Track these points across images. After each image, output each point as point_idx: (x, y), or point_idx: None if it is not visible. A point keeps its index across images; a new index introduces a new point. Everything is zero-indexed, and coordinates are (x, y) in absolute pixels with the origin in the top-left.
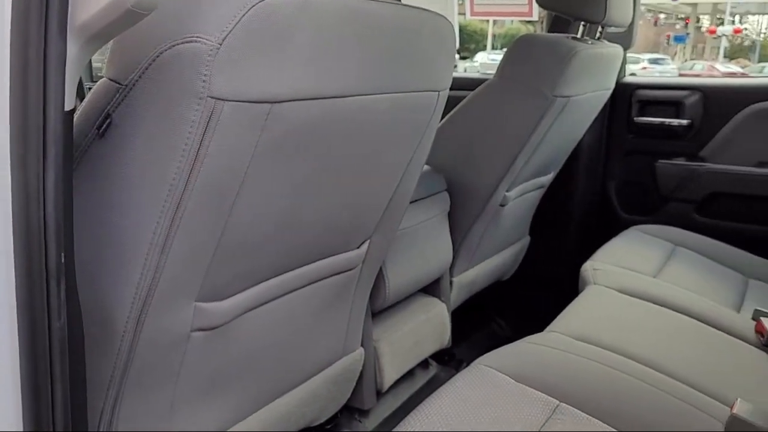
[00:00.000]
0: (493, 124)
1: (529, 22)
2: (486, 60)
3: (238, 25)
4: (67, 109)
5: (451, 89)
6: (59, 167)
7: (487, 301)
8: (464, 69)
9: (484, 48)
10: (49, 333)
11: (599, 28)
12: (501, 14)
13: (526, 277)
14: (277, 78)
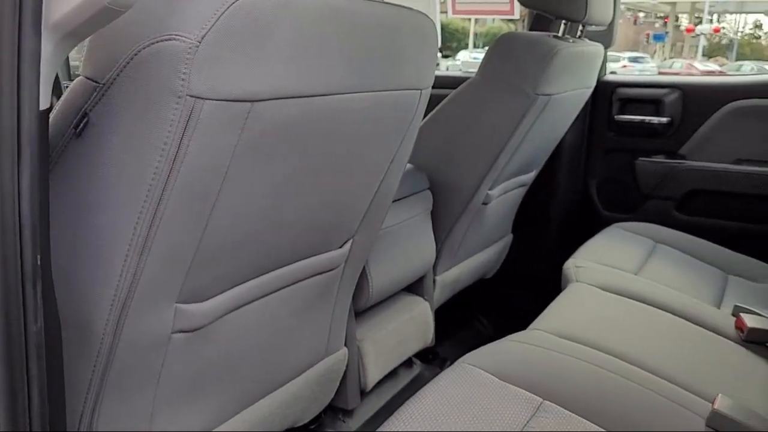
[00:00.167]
0: (476, 122)
1: (510, 21)
2: (468, 58)
3: (218, 23)
4: (42, 108)
5: (434, 88)
6: (35, 167)
7: (471, 299)
8: (446, 67)
9: (466, 46)
10: (25, 337)
11: (580, 27)
12: (482, 12)
13: (509, 275)
14: (257, 76)
